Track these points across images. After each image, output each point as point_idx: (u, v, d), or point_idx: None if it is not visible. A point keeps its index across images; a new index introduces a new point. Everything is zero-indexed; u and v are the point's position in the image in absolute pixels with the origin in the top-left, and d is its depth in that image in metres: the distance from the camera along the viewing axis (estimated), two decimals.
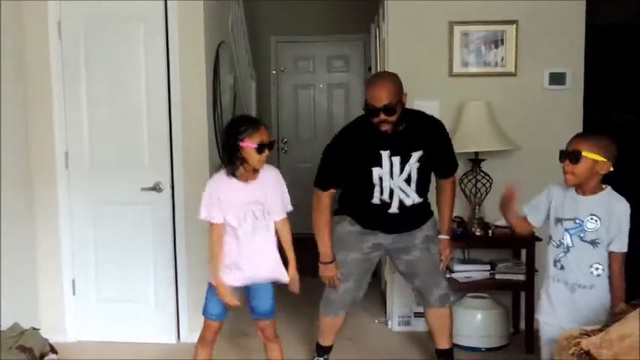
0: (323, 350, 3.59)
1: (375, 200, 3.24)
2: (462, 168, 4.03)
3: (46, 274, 4.08)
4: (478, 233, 3.89)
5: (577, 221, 2.62)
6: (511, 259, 4.03)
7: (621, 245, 2.60)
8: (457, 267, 3.94)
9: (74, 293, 4.12)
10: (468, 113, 3.95)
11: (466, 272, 3.93)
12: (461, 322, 3.94)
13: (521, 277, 3.85)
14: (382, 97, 3.06)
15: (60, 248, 4.07)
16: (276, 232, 3.05)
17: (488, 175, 3.96)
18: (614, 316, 2.43)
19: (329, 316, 3.47)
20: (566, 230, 2.64)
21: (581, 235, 2.61)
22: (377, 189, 3.22)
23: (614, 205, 2.60)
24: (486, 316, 3.91)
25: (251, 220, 2.94)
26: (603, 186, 2.65)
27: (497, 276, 3.94)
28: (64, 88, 4.00)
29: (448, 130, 3.98)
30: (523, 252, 3.92)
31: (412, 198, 3.24)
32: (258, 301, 3.10)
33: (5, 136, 3.69)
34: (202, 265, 4.07)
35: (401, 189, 3.22)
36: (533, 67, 4.07)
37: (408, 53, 4.13)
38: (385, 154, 3.19)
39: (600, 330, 2.30)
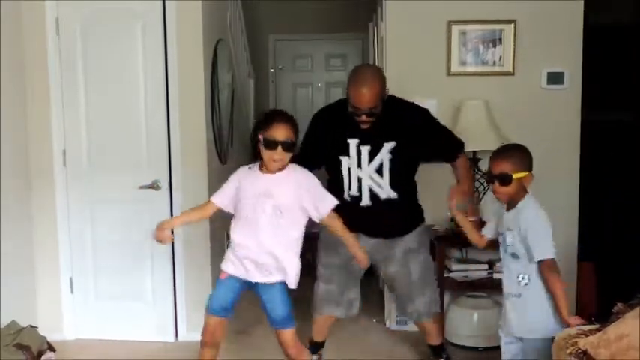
0: (315, 346, 3.59)
1: (346, 196, 3.19)
2: None
3: (44, 272, 4.08)
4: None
5: (503, 235, 2.72)
6: None
7: (541, 252, 2.57)
8: (455, 266, 3.95)
9: (72, 291, 4.12)
10: (465, 112, 3.95)
11: (464, 271, 3.94)
12: (458, 321, 3.95)
13: None
14: (367, 100, 2.99)
15: (58, 246, 4.07)
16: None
17: (486, 174, 3.96)
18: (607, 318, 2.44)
19: (315, 314, 3.48)
20: (500, 244, 2.76)
21: (506, 248, 2.70)
22: (346, 181, 3.17)
23: (521, 216, 2.63)
24: (484, 315, 3.92)
25: (261, 213, 2.81)
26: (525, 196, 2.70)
27: (495, 275, 3.94)
28: (61, 86, 4.00)
29: None
30: None
31: (386, 192, 3.15)
32: (268, 304, 2.94)
33: (3, 134, 3.68)
34: (200, 263, 4.08)
35: (372, 179, 3.15)
36: (531, 66, 4.08)
37: (406, 52, 4.13)
38: (353, 143, 3.14)
39: (598, 330, 2.31)
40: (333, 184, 3.26)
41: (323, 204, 2.88)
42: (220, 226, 4.38)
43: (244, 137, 5.66)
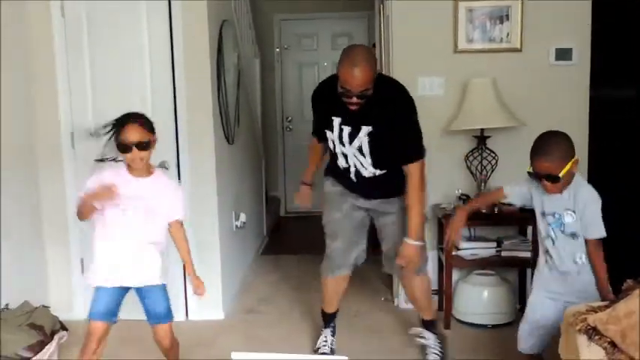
0: (328, 318, 3.62)
1: (340, 163, 3.24)
2: (467, 145, 4.04)
3: (55, 253, 4.11)
4: (484, 210, 3.89)
5: (556, 215, 2.71)
6: (517, 236, 4.04)
7: (595, 232, 2.65)
8: (463, 244, 3.95)
9: (83, 272, 4.14)
10: (473, 90, 3.93)
11: (472, 249, 3.95)
12: (467, 299, 3.97)
13: (527, 254, 3.86)
14: (359, 83, 2.90)
15: (68, 227, 4.10)
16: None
17: (494, 152, 3.95)
18: (620, 294, 2.45)
19: (327, 276, 3.48)
20: (549, 224, 2.74)
21: (562, 228, 2.71)
22: (337, 152, 3.22)
23: (581, 195, 2.66)
24: (493, 293, 3.93)
25: (134, 216, 2.79)
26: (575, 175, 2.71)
27: (504, 253, 3.95)
28: (67, 68, 4.00)
29: (453, 108, 3.98)
30: (529, 229, 3.93)
31: (369, 170, 3.17)
32: (149, 300, 2.93)
33: (10, 116, 3.69)
34: (210, 241, 4.10)
35: (355, 157, 3.17)
36: (539, 42, 4.05)
37: (412, 30, 4.10)
38: (336, 121, 3.15)
39: (607, 306, 2.32)
40: (330, 153, 3.35)
41: (174, 211, 2.89)
42: (228, 204, 4.39)
43: (251, 117, 5.66)
